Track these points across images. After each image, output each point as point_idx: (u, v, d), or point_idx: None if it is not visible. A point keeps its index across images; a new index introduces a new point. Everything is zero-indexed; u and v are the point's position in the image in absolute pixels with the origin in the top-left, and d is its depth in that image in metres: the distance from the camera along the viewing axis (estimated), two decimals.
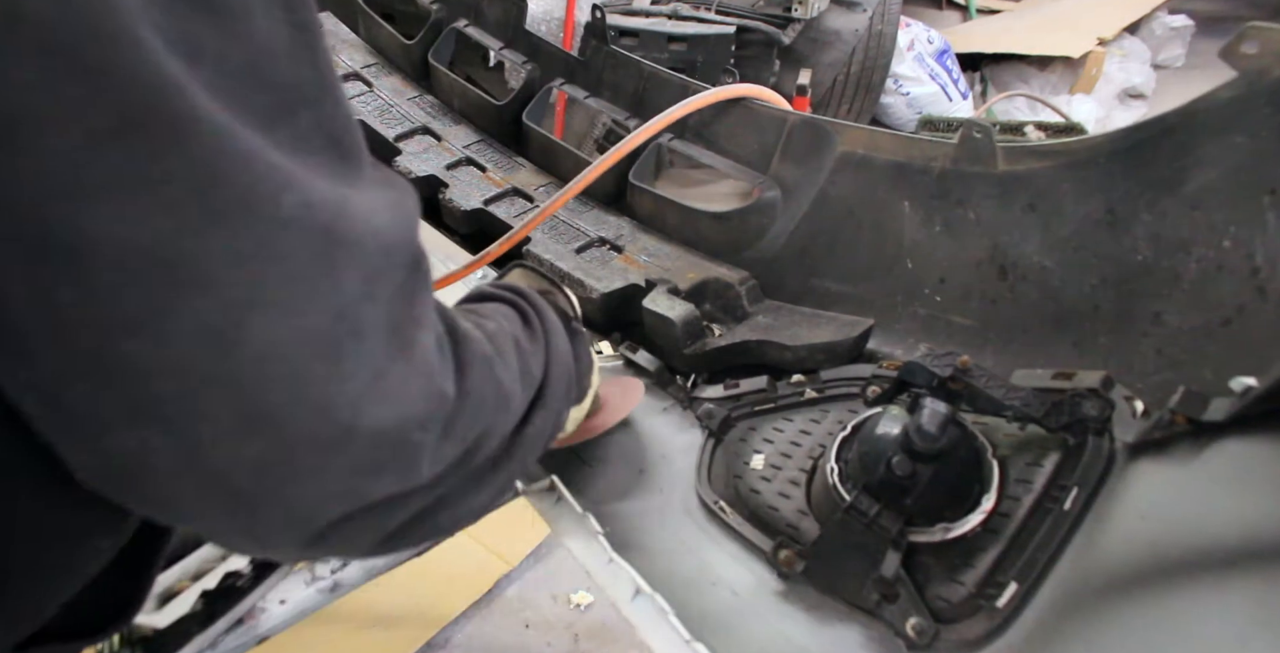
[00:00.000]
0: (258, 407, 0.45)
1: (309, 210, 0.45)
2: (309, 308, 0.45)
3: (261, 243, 0.43)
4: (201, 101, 0.41)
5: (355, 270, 0.47)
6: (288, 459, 0.47)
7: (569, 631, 2.06)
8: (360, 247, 0.47)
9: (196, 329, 0.42)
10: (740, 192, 2.04)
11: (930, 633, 0.76)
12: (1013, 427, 0.85)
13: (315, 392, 0.46)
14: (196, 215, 0.41)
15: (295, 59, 0.47)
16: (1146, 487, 0.70)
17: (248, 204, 0.43)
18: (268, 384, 0.45)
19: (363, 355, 0.48)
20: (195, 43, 0.42)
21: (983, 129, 0.99)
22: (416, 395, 0.52)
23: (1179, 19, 4.99)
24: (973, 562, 0.78)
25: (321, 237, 0.45)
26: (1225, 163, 0.78)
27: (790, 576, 0.87)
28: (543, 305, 0.81)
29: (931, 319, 1.07)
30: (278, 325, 0.44)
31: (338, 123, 0.50)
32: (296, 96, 0.47)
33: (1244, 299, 0.76)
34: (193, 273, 0.42)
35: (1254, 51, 0.73)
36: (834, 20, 3.60)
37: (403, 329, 0.51)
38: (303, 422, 0.46)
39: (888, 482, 0.79)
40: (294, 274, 0.45)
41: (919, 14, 4.89)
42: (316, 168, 0.47)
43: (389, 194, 0.52)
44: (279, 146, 0.45)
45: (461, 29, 1.73)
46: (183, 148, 0.40)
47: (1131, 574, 0.63)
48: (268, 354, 0.44)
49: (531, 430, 0.70)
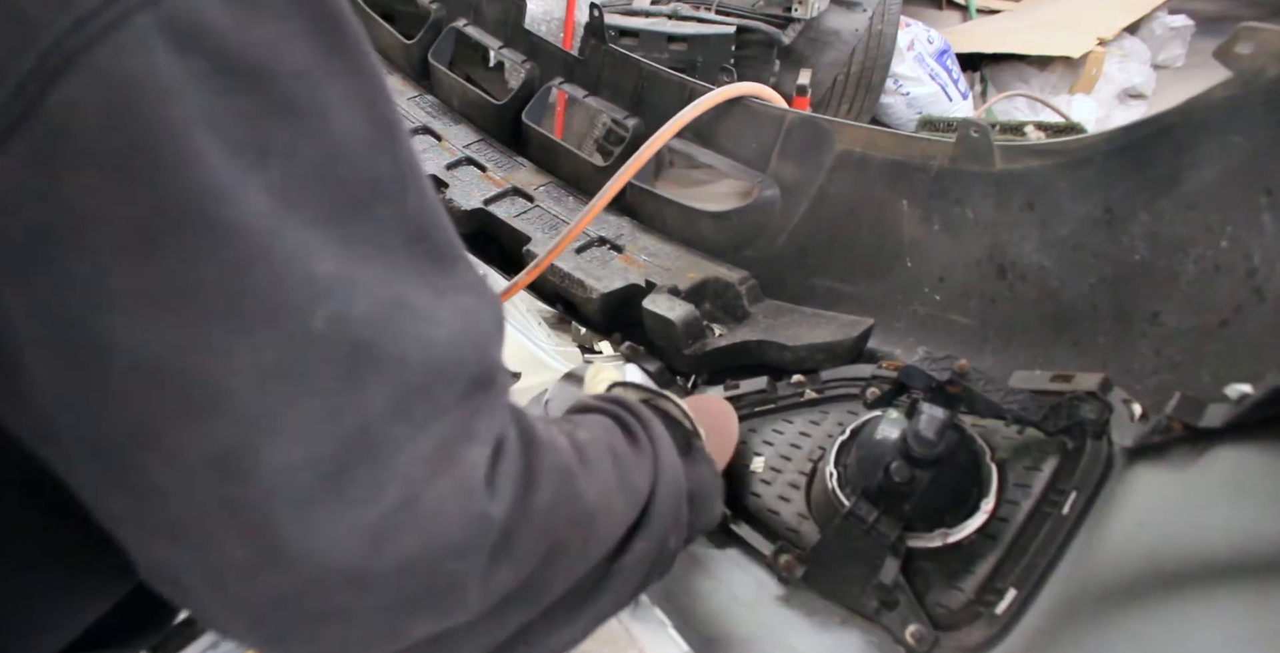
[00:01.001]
0: (269, 539, 0.41)
1: (343, 325, 0.42)
2: (324, 430, 0.42)
3: (284, 361, 0.41)
4: (252, 208, 0.39)
5: (384, 388, 0.43)
6: (305, 596, 0.43)
7: None
8: (399, 363, 0.44)
9: (207, 449, 0.40)
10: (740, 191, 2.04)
11: (930, 640, 0.75)
12: (1011, 430, 0.85)
13: (327, 524, 0.42)
14: (220, 330, 0.39)
15: (374, 153, 0.45)
16: (1144, 492, 0.70)
17: (276, 319, 0.40)
18: (278, 515, 0.41)
19: (383, 481, 0.44)
20: (264, 144, 0.40)
21: (980, 128, 0.98)
22: (453, 520, 0.46)
23: (1179, 19, 4.98)
24: (972, 568, 0.77)
25: (350, 352, 0.42)
26: (1222, 163, 0.78)
27: (790, 581, 0.86)
28: (649, 417, 0.72)
29: (931, 318, 1.07)
30: (292, 451, 0.41)
31: (423, 217, 0.47)
32: (374, 192, 0.45)
33: (1241, 300, 0.76)
34: (209, 390, 0.40)
35: (1248, 52, 0.73)
36: (834, 20, 3.59)
37: (449, 449, 0.46)
38: (316, 557, 0.42)
39: (886, 488, 0.78)
40: (313, 392, 0.42)
41: (919, 14, 4.88)
42: (389, 266, 0.44)
43: (465, 303, 0.48)
44: (345, 244, 0.43)
45: (461, 28, 1.73)
46: (216, 259, 0.39)
47: (1129, 581, 0.63)
48: (280, 483, 0.41)
49: (630, 559, 0.63)
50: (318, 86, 0.42)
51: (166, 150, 0.37)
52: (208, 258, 0.38)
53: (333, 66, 0.43)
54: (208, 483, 0.40)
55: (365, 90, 0.45)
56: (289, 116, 0.41)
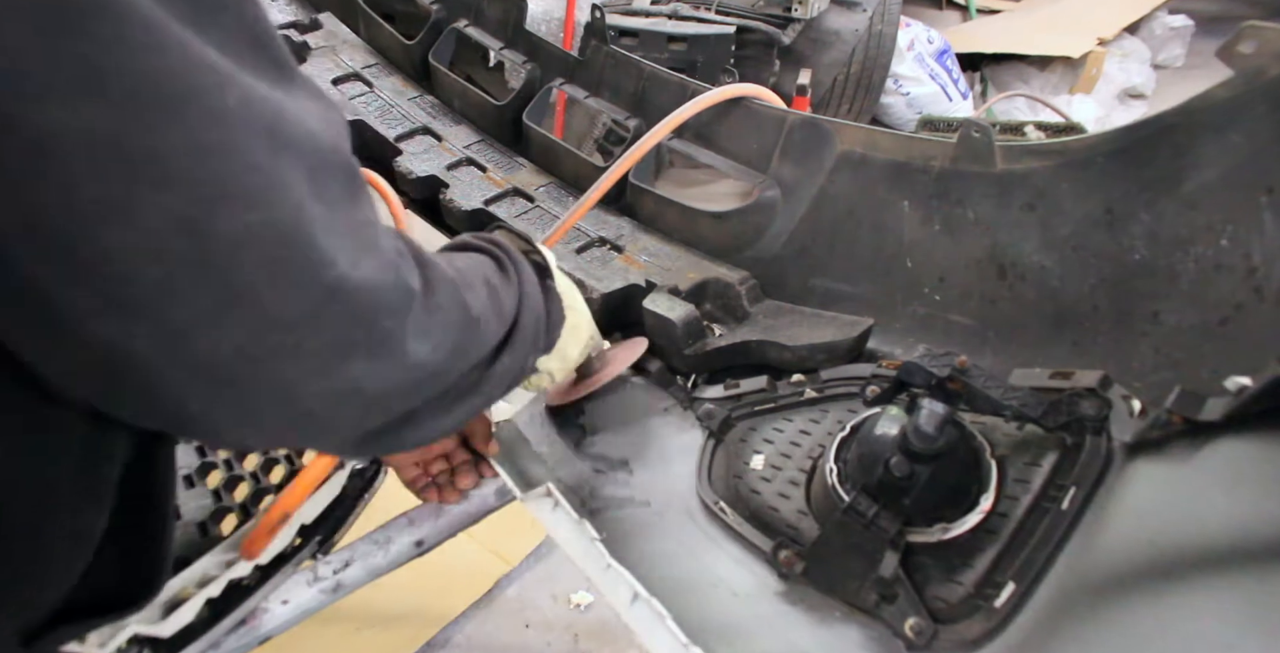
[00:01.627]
0: (234, 287, 0.47)
1: (251, 107, 0.47)
2: (273, 200, 0.47)
3: (213, 136, 0.45)
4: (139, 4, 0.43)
5: (299, 165, 0.49)
6: (266, 335, 0.49)
7: (569, 631, 2.06)
8: (300, 146, 0.49)
9: (168, 218, 0.44)
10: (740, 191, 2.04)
11: (929, 633, 0.76)
12: (1011, 426, 0.85)
13: (291, 271, 0.48)
14: (150, 109, 0.43)
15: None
16: (1143, 486, 0.70)
17: (197, 98, 0.44)
18: (243, 267, 0.47)
19: (331, 248, 0.50)
20: None
21: (981, 129, 0.99)
22: (385, 285, 0.54)
23: (1179, 19, 4.99)
24: (971, 562, 0.78)
25: (267, 131, 0.47)
26: (1223, 162, 0.78)
27: (790, 576, 0.87)
28: (519, 256, 0.83)
29: (931, 318, 1.07)
30: (246, 215, 0.46)
31: (260, 26, 0.52)
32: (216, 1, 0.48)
33: (1241, 298, 0.76)
34: (156, 166, 0.44)
35: (1251, 51, 0.73)
36: (834, 20, 3.60)
37: (360, 230, 0.54)
38: (279, 299, 0.48)
39: (886, 483, 0.79)
40: (252, 167, 0.46)
41: (919, 14, 4.89)
42: (249, 70, 0.49)
43: (318, 105, 0.54)
44: (214, 46, 0.47)
45: (462, 29, 1.73)
46: (126, 44, 0.42)
47: (1128, 574, 0.63)
48: (241, 241, 0.46)
49: (499, 368, 0.73)
50: None
51: None
52: (117, 43, 0.42)
53: None
54: (175, 245, 0.45)
55: None
56: None
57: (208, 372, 0.49)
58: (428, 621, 2.06)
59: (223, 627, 1.13)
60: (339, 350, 0.53)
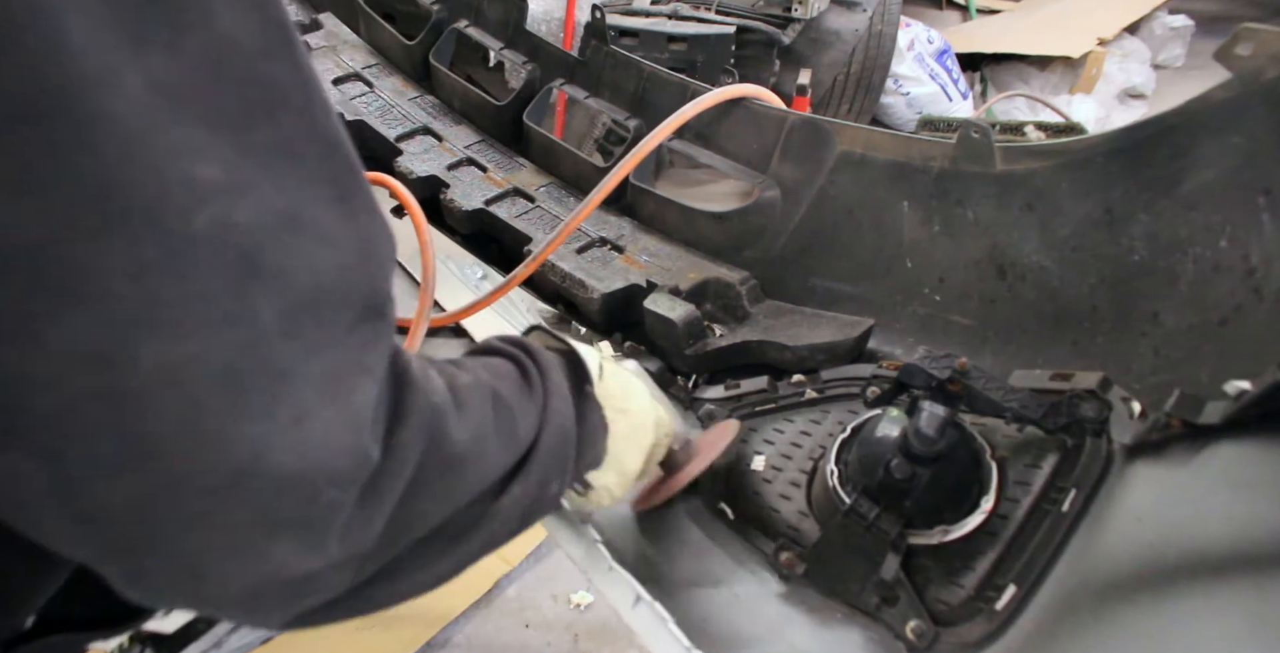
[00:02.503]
0: (140, 434, 0.40)
1: (227, 231, 0.41)
2: (211, 335, 0.41)
3: (162, 259, 0.39)
4: (130, 98, 0.38)
5: (272, 302, 0.43)
6: (169, 498, 0.42)
7: (569, 631, 2.06)
8: (285, 280, 0.43)
9: (78, 342, 0.39)
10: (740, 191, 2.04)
11: (930, 636, 0.76)
12: (1011, 428, 0.85)
13: (211, 426, 0.41)
14: (93, 220, 0.38)
15: (269, 59, 0.44)
16: (1143, 489, 0.70)
17: (153, 216, 0.39)
18: (155, 411, 0.40)
19: (280, 396, 0.43)
20: (141, 32, 0.39)
21: (981, 129, 0.99)
22: (338, 449, 0.46)
23: (1179, 19, 4.99)
24: (972, 564, 0.78)
25: (236, 261, 0.42)
26: (1221, 163, 0.78)
27: (791, 578, 0.87)
28: (548, 365, 0.73)
29: (931, 319, 1.07)
30: (172, 349, 0.40)
31: (331, 133, 0.47)
32: (275, 99, 0.44)
33: (1240, 299, 0.76)
34: (79, 282, 0.38)
35: (1248, 53, 0.73)
36: (834, 20, 3.60)
37: (342, 377, 0.46)
38: (191, 457, 0.41)
39: (887, 485, 0.79)
40: (196, 296, 0.41)
41: (919, 14, 4.89)
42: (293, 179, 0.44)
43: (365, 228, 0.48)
44: (241, 149, 0.42)
45: (462, 29, 1.73)
46: (88, 147, 0.37)
47: (1128, 577, 0.63)
48: (157, 379, 0.40)
49: (507, 500, 0.64)
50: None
51: (35, 28, 0.36)
52: (78, 145, 0.37)
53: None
54: (81, 375, 0.39)
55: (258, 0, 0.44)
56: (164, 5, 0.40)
57: (98, 527, 0.42)
58: (428, 621, 2.06)
59: (225, 626, 1.14)
60: (260, 528, 0.45)
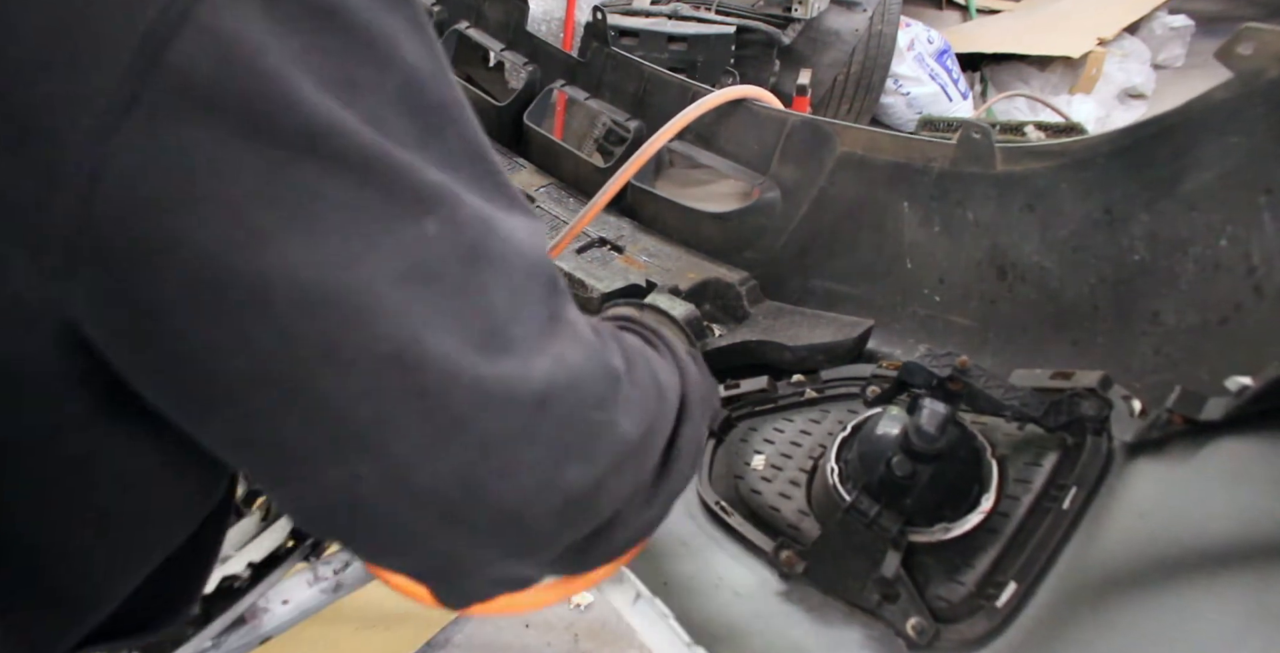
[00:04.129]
0: (448, 414, 0.46)
1: (454, 230, 0.47)
2: (470, 324, 0.47)
3: (412, 265, 0.45)
4: (357, 137, 0.43)
5: (501, 286, 0.49)
6: (483, 457, 0.48)
7: (569, 631, 2.06)
8: (505, 263, 0.49)
9: (377, 353, 0.44)
10: (740, 192, 2.04)
11: (930, 633, 0.76)
12: (1012, 426, 0.86)
13: (493, 389, 0.47)
14: (353, 245, 0.43)
15: (437, 80, 0.49)
16: (1144, 486, 0.70)
17: (395, 229, 0.44)
18: (452, 392, 0.46)
19: (531, 354, 0.50)
20: (353, 78, 0.44)
21: (981, 130, 0.99)
22: (593, 375, 0.53)
23: (1179, 19, 4.99)
24: (972, 561, 0.78)
25: (467, 254, 0.47)
26: (1222, 163, 0.78)
27: (792, 576, 0.87)
28: (656, 326, 0.80)
29: (931, 319, 1.08)
30: (447, 339, 0.46)
31: (479, 141, 0.52)
32: (444, 116, 0.49)
33: (1241, 298, 0.76)
34: (359, 300, 0.43)
35: (1249, 53, 0.73)
36: (834, 20, 3.60)
37: (562, 328, 0.53)
38: (488, 414, 0.47)
39: (887, 482, 0.79)
40: (445, 290, 0.46)
41: (919, 14, 4.89)
42: (466, 185, 0.49)
43: (524, 217, 0.54)
44: (433, 165, 0.47)
45: (463, 30, 1.74)
46: (338, 182, 0.42)
47: (1130, 573, 0.63)
48: (444, 366, 0.46)
49: (682, 443, 0.68)
50: (382, 18, 0.46)
51: (275, 94, 0.41)
52: (330, 184, 0.42)
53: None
54: (390, 379, 0.45)
55: (417, 19, 0.49)
56: (368, 49, 0.45)
57: (433, 503, 0.49)
58: (428, 621, 2.06)
59: (216, 626, 1.13)
60: (555, 460, 0.51)
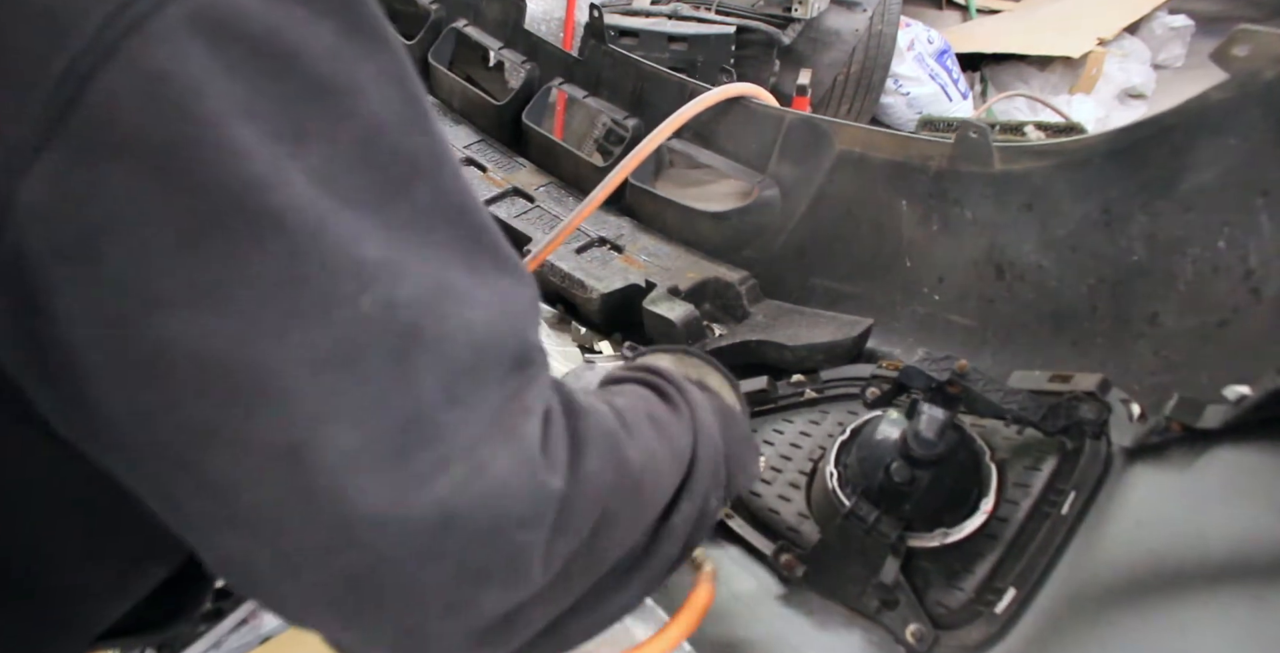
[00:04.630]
0: (338, 519, 0.42)
1: (390, 311, 0.42)
2: (382, 415, 0.42)
3: (336, 349, 0.41)
4: (296, 195, 0.39)
5: (434, 371, 0.44)
6: (379, 574, 0.43)
7: None
8: (446, 345, 0.44)
9: (273, 441, 0.40)
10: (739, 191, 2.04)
11: (930, 639, 0.76)
12: (1011, 430, 0.85)
13: (399, 498, 0.42)
14: (271, 321, 0.39)
15: (408, 131, 0.44)
16: (1143, 493, 0.70)
17: (327, 307, 0.40)
18: (345, 497, 0.41)
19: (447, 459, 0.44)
20: (302, 128, 0.40)
21: (979, 129, 0.99)
22: (518, 492, 0.47)
23: (1179, 19, 4.98)
24: (971, 567, 0.78)
25: (399, 338, 0.42)
26: (1219, 164, 0.78)
27: (791, 580, 0.87)
28: (682, 381, 0.71)
29: (930, 318, 1.07)
30: (352, 436, 0.41)
31: (460, 197, 0.47)
32: (412, 171, 0.44)
33: (1239, 300, 0.76)
34: (265, 383, 0.40)
35: (1245, 54, 0.73)
36: (834, 20, 3.59)
37: (503, 422, 0.47)
38: (388, 530, 0.42)
39: (886, 488, 0.79)
40: (366, 379, 0.42)
41: (919, 14, 4.88)
42: (431, 248, 0.44)
43: (502, 283, 0.48)
44: (388, 227, 0.42)
45: (461, 29, 1.73)
46: (264, 250, 0.38)
47: (1128, 581, 0.63)
48: (341, 466, 0.41)
49: (677, 520, 0.62)
50: (348, 66, 0.42)
51: (206, 142, 0.37)
52: (256, 249, 0.38)
53: (359, 45, 0.43)
54: (277, 474, 0.41)
55: (393, 67, 0.45)
56: (324, 98, 0.41)
57: (325, 600, 0.44)
58: None
59: (224, 626, 1.13)
60: (468, 580, 0.46)
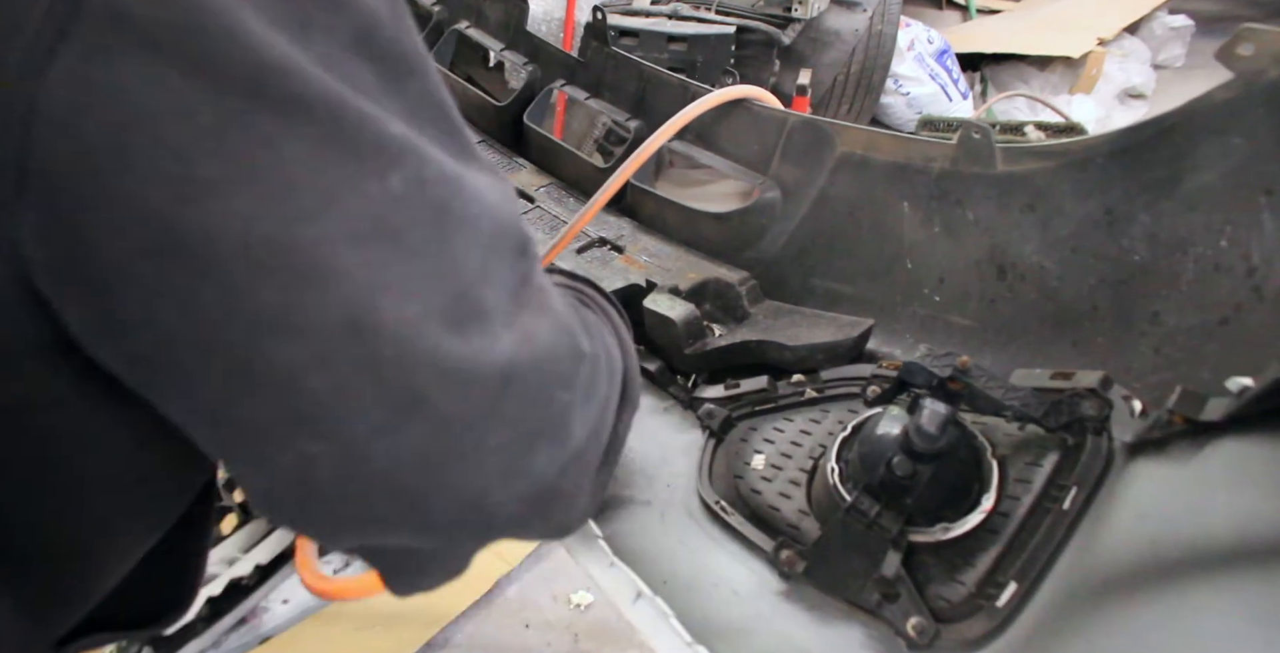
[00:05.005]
0: (406, 389, 0.43)
1: (420, 187, 0.44)
2: (433, 287, 0.44)
3: (376, 223, 0.42)
4: (313, 80, 0.40)
5: (471, 249, 0.46)
6: (444, 438, 0.45)
7: (569, 631, 2.06)
8: (473, 223, 0.46)
9: (331, 319, 0.41)
10: (740, 192, 2.04)
11: (931, 633, 0.76)
12: (1012, 427, 0.86)
13: (458, 365, 0.44)
14: (309, 201, 0.40)
15: (397, 28, 0.46)
16: (1145, 486, 0.70)
17: (357, 183, 0.41)
18: (410, 365, 0.43)
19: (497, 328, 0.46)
20: (304, 18, 0.41)
21: (981, 130, 0.99)
22: (561, 355, 0.50)
23: (1179, 19, 4.99)
24: (973, 561, 0.78)
25: (435, 213, 0.44)
26: (1222, 164, 0.78)
27: (792, 576, 0.87)
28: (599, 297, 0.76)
29: (931, 319, 1.08)
30: (406, 305, 0.42)
31: (442, 96, 0.49)
32: (404, 66, 0.46)
33: (1241, 299, 0.76)
34: (313, 262, 0.40)
35: (1249, 53, 0.73)
36: (834, 20, 3.60)
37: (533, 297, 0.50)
38: (449, 396, 0.44)
39: (888, 482, 0.79)
40: (412, 253, 0.43)
41: (919, 14, 4.89)
42: (429, 139, 0.46)
43: (492, 176, 0.50)
44: (396, 116, 0.44)
45: (463, 30, 1.74)
46: (291, 132, 0.39)
47: (1130, 573, 0.63)
48: (403, 335, 0.42)
49: (621, 428, 0.66)
50: None
51: (220, 30, 0.38)
52: (284, 132, 0.39)
53: None
54: (340, 349, 0.41)
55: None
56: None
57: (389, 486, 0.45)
58: (428, 621, 2.06)
59: (223, 625, 1.14)
60: (521, 444, 0.48)
